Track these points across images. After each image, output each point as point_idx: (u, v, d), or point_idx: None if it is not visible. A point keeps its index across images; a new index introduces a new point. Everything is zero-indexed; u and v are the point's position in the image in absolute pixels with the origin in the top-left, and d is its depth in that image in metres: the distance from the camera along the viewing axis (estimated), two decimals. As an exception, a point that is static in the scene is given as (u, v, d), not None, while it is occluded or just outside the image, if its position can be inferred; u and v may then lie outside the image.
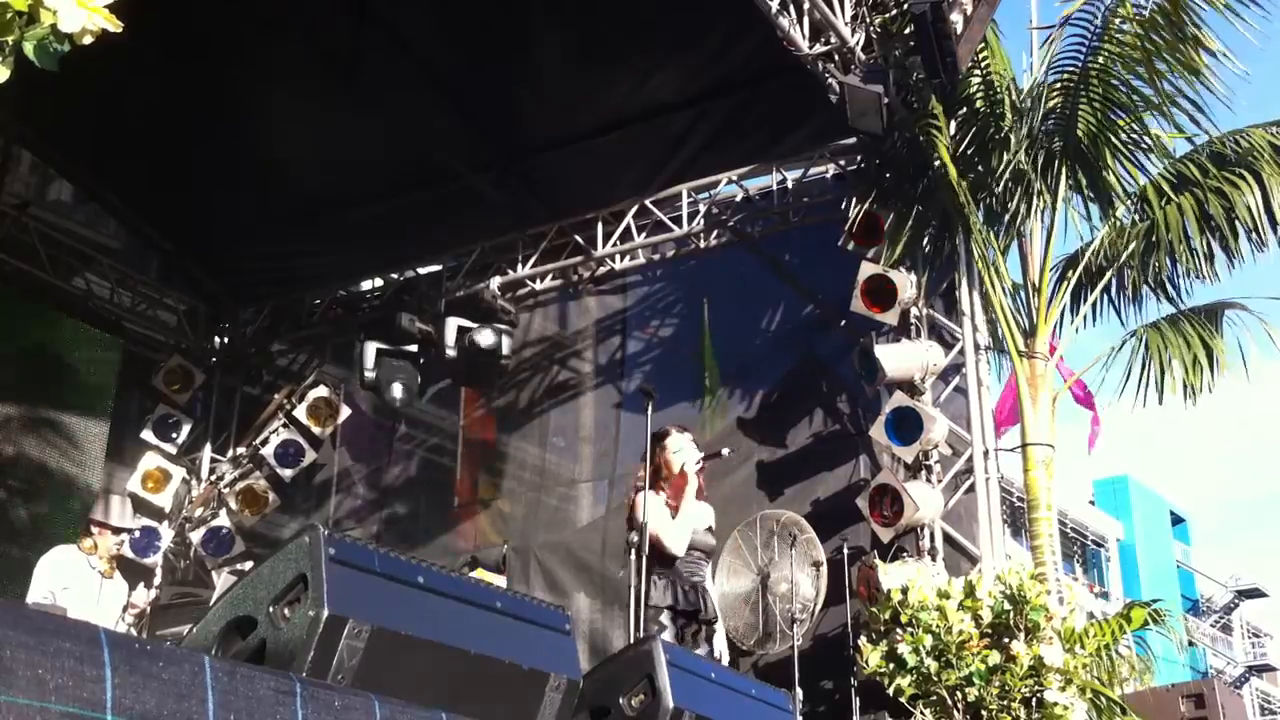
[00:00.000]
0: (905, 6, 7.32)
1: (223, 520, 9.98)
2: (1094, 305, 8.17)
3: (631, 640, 5.00)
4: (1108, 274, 7.99)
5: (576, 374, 9.70)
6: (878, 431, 7.45)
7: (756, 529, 7.63)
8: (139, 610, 7.48)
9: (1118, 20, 7.37)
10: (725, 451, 6.40)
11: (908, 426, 7.36)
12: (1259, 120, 7.99)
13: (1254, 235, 7.69)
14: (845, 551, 7.32)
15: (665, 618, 5.51)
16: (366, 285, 10.95)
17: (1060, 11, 7.70)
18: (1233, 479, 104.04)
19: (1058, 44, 7.71)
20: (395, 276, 10.62)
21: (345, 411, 10.11)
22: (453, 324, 9.29)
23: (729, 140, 8.93)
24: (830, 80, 7.35)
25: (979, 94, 7.79)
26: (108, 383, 10.13)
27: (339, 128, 9.12)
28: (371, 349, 9.54)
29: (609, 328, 9.64)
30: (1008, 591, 6.14)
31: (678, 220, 9.29)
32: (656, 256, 9.63)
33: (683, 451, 5.91)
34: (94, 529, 7.32)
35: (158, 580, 9.64)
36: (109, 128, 9.16)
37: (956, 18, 7.12)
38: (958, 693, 6.00)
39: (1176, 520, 40.77)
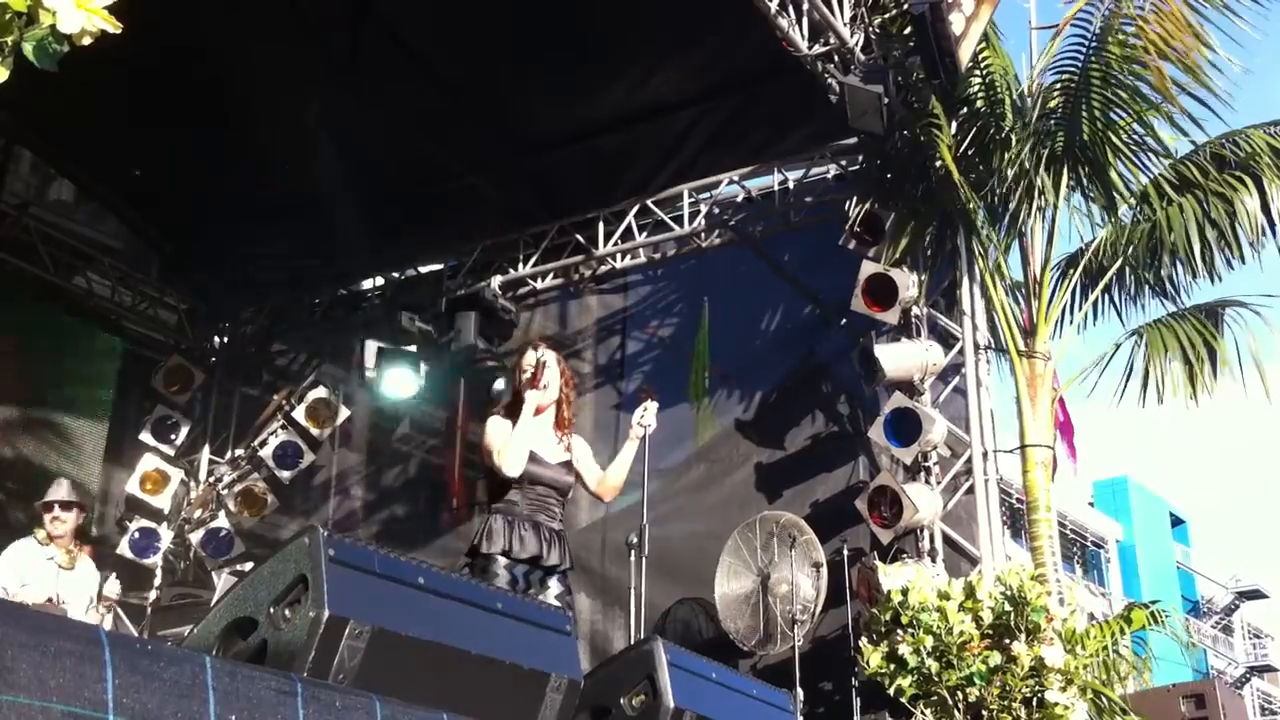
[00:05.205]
0: (905, 6, 7.32)
1: (222, 521, 9.97)
2: (1095, 305, 8.17)
3: (632, 640, 4.99)
4: (1109, 273, 7.98)
5: (576, 374, 9.64)
6: (877, 432, 7.45)
7: (756, 530, 7.62)
8: (109, 603, 7.07)
9: (1118, 20, 7.37)
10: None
11: (907, 427, 7.36)
12: (1256, 121, 7.99)
13: (1255, 241, 7.69)
14: (845, 553, 7.33)
15: (500, 566, 4.65)
16: (366, 285, 10.94)
17: (1061, 10, 7.71)
18: (1233, 479, 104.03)
19: (1058, 43, 7.71)
20: (395, 276, 10.62)
21: (344, 412, 10.10)
22: (469, 318, 9.21)
23: (730, 140, 8.94)
24: (830, 80, 7.35)
25: (979, 94, 7.78)
26: (107, 383, 10.13)
27: (339, 127, 9.12)
28: (372, 349, 9.53)
29: (609, 327, 9.64)
30: (1008, 592, 6.13)
31: (679, 220, 9.28)
32: (657, 256, 9.62)
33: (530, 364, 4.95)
34: (45, 518, 6.80)
35: (157, 581, 9.62)
36: (109, 127, 9.15)
37: (956, 18, 7.11)
38: (959, 693, 5.99)
39: (1176, 521, 40.71)
